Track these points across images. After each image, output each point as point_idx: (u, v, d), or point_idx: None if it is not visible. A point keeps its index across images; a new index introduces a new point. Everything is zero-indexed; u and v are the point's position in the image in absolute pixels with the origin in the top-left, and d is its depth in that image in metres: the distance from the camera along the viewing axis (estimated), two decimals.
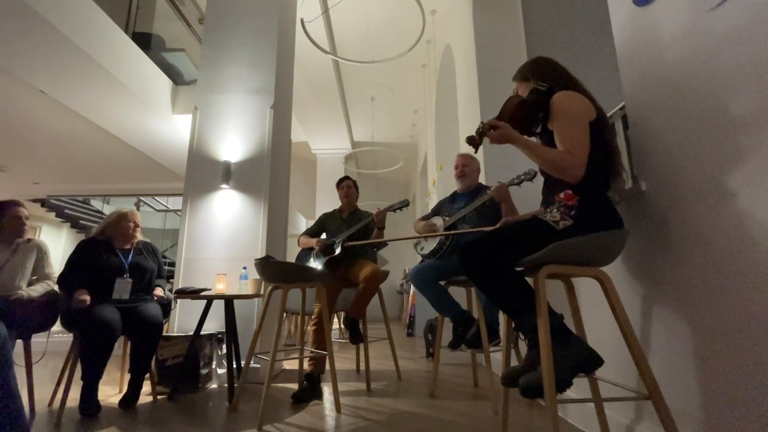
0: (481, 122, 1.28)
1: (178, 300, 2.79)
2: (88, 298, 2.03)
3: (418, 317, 5.17)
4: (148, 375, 2.20)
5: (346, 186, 2.85)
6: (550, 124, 1.31)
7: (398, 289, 8.65)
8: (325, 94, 6.37)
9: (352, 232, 2.58)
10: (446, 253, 2.28)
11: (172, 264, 3.17)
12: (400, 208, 2.55)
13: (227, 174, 3.02)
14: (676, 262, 1.16)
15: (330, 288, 2.50)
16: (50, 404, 2.12)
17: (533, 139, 1.40)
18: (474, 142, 1.28)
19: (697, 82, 1.10)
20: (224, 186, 3.02)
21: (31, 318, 2.05)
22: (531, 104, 1.33)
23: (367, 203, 6.26)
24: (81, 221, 7.30)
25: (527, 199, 2.19)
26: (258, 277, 2.20)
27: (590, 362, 1.14)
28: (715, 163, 1.03)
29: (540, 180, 1.43)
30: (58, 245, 8.87)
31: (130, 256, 2.31)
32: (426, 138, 6.68)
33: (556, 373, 1.07)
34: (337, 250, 2.53)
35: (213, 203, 3.01)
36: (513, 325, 1.45)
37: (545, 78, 1.36)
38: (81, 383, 1.94)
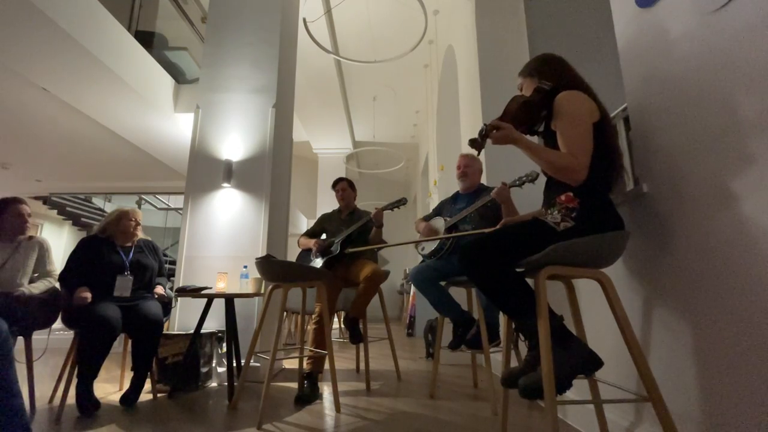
0: (484, 124, 1.26)
1: (179, 298, 2.80)
2: (89, 295, 2.03)
3: (418, 317, 5.17)
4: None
5: (341, 188, 2.84)
6: (553, 123, 1.30)
7: (398, 289, 8.65)
8: (327, 94, 6.37)
9: (350, 231, 2.58)
10: (447, 254, 2.28)
11: (173, 262, 3.17)
12: (398, 206, 2.54)
13: (228, 173, 3.02)
14: (677, 264, 1.15)
15: (330, 288, 2.50)
16: (51, 401, 2.12)
17: (535, 138, 1.40)
18: (477, 144, 1.26)
19: (700, 84, 1.10)
20: (225, 185, 3.03)
21: (32, 315, 2.06)
22: (535, 104, 1.31)
23: (367, 203, 6.25)
24: (82, 219, 7.31)
25: (528, 201, 2.19)
26: (258, 276, 2.20)
27: (590, 364, 1.13)
28: (718, 166, 1.03)
29: (541, 181, 1.43)
30: (59, 243, 8.89)
31: (131, 254, 2.31)
32: (427, 138, 6.68)
33: (556, 374, 1.07)
34: (337, 250, 2.53)
35: (214, 202, 3.02)
36: (513, 325, 1.45)
37: (550, 76, 1.35)
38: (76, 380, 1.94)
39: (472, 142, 1.27)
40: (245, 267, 2.61)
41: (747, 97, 0.95)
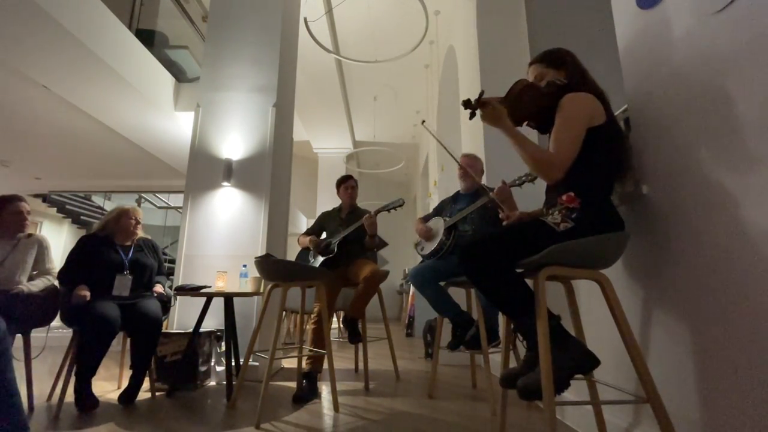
0: (482, 90, 1.26)
1: (178, 297, 2.80)
2: (88, 293, 2.03)
3: (418, 318, 5.16)
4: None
5: (351, 185, 2.84)
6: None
7: (398, 290, 8.65)
8: (328, 94, 6.37)
9: (347, 233, 2.58)
10: (446, 254, 2.28)
11: (173, 261, 3.17)
12: (394, 208, 2.51)
13: (229, 172, 3.02)
14: (676, 265, 1.15)
15: (330, 287, 2.50)
16: (49, 399, 2.12)
17: (528, 131, 1.41)
18: (470, 105, 1.26)
19: (701, 86, 1.10)
20: (225, 184, 3.03)
21: (31, 313, 2.05)
22: (542, 94, 1.33)
23: (367, 203, 6.24)
24: (82, 217, 7.30)
25: (528, 201, 2.18)
26: (258, 275, 2.20)
27: (587, 363, 1.13)
28: (718, 167, 1.03)
29: (541, 182, 1.43)
30: (59, 241, 8.88)
31: (131, 253, 2.31)
32: (428, 138, 6.68)
33: (554, 374, 1.07)
34: (334, 251, 2.53)
35: (214, 201, 3.01)
36: (512, 326, 1.45)
37: (565, 72, 1.37)
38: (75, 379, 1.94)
39: (466, 103, 1.26)
40: (244, 266, 2.61)
41: (748, 99, 0.95)
